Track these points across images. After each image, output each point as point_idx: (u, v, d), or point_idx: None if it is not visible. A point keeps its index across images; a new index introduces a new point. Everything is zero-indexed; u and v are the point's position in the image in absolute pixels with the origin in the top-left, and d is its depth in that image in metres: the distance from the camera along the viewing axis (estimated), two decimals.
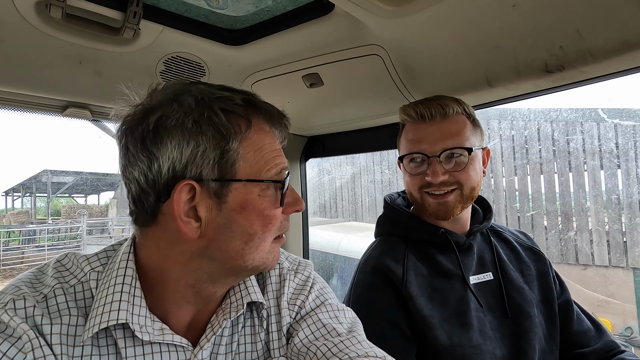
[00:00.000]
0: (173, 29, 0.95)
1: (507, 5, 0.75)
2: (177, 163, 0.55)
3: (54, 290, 0.57)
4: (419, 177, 0.98)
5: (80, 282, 0.59)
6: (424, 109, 0.96)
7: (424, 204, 1.00)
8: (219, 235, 0.57)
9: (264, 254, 0.61)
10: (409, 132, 1.01)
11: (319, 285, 0.75)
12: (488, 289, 0.99)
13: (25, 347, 0.50)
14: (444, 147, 0.94)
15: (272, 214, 0.60)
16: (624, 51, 0.75)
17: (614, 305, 4.89)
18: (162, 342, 0.58)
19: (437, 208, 0.97)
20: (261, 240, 0.60)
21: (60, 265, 0.62)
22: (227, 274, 0.61)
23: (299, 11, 0.94)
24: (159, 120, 0.55)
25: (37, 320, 0.53)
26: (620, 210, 5.11)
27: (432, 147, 0.95)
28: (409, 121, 1.01)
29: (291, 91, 1.25)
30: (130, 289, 0.57)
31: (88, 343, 0.55)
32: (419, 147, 0.97)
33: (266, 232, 0.60)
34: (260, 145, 0.60)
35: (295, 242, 1.69)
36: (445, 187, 0.95)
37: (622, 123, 5.04)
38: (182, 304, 0.61)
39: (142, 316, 0.56)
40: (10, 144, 69.51)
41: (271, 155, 0.61)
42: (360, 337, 0.65)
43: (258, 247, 0.60)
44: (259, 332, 0.67)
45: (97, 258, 0.63)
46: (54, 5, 0.79)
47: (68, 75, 1.00)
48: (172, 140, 0.55)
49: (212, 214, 0.57)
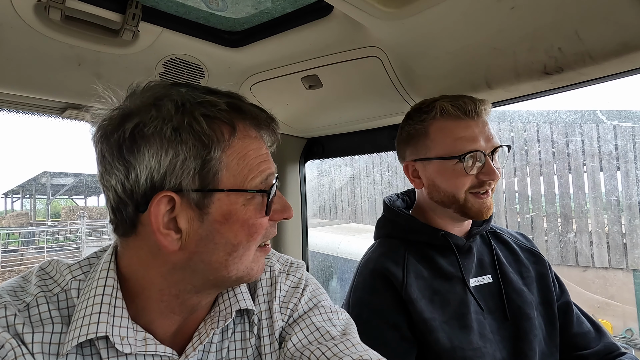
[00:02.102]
0: (172, 30, 0.95)
1: (506, 8, 0.75)
2: (155, 173, 0.52)
3: (37, 298, 0.55)
4: (471, 177, 0.94)
5: (63, 290, 0.58)
6: (467, 105, 0.92)
7: (466, 205, 0.96)
8: (201, 248, 0.55)
9: (248, 264, 0.59)
10: (454, 130, 0.94)
11: (312, 287, 0.73)
12: (487, 292, 0.99)
13: (7, 356, 0.49)
14: (494, 145, 0.94)
15: (258, 222, 0.57)
16: (622, 53, 0.76)
17: (614, 307, 4.89)
18: (145, 353, 0.56)
19: (481, 207, 0.96)
20: (245, 250, 0.58)
21: (43, 273, 0.60)
22: (211, 285, 0.59)
23: (298, 13, 0.94)
24: (135, 128, 0.52)
25: (18, 329, 0.52)
26: (620, 212, 5.11)
27: (487, 144, 0.93)
28: (451, 118, 0.94)
29: (290, 93, 1.25)
30: (110, 300, 0.55)
31: (72, 352, 0.53)
32: (476, 145, 0.92)
33: (251, 242, 0.58)
34: (245, 152, 0.57)
35: (295, 244, 1.69)
36: (492, 187, 0.96)
37: (621, 125, 5.05)
38: (167, 314, 0.59)
39: (123, 327, 0.55)
40: (10, 145, 69.44)
41: (256, 162, 0.58)
42: (354, 339, 0.64)
43: (242, 257, 0.58)
44: (249, 338, 0.66)
45: (79, 266, 0.61)
46: (53, 7, 0.79)
47: (67, 77, 0.99)
48: (150, 149, 0.52)
49: (194, 226, 0.54)
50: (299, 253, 1.70)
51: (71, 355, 0.53)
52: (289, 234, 1.65)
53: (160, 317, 0.59)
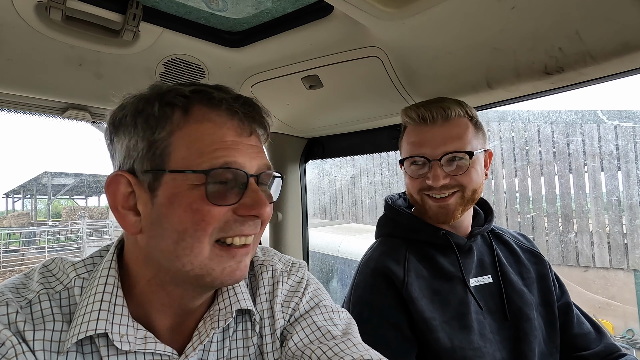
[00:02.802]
0: (173, 31, 0.95)
1: (506, 7, 0.75)
2: (120, 157, 0.58)
3: (39, 295, 0.56)
4: (420, 180, 0.98)
5: (66, 287, 0.58)
6: (426, 112, 0.96)
7: (424, 207, 0.99)
8: (153, 232, 0.55)
9: (204, 261, 0.55)
10: (410, 135, 1.00)
11: (313, 286, 0.74)
12: (488, 292, 0.99)
13: (8, 353, 0.50)
14: (445, 151, 0.93)
15: (205, 209, 0.54)
16: (623, 53, 0.75)
17: (615, 307, 4.88)
18: (145, 351, 0.56)
19: (438, 211, 0.97)
20: (194, 241, 0.54)
21: (46, 270, 0.61)
22: (181, 280, 0.57)
23: (299, 13, 0.94)
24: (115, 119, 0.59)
25: (19, 326, 0.52)
26: (621, 212, 5.11)
27: (433, 150, 0.94)
28: (411, 124, 1.00)
29: (291, 93, 1.25)
30: (111, 298, 0.56)
31: (73, 350, 0.54)
32: (420, 151, 0.96)
33: (199, 231, 0.54)
34: (199, 136, 0.55)
35: (295, 244, 1.69)
36: (446, 190, 0.95)
37: (622, 125, 5.05)
38: (159, 307, 0.60)
39: (123, 325, 0.55)
40: (11, 146, 69.56)
41: (211, 147, 0.55)
42: (355, 339, 0.64)
43: (193, 250, 0.54)
44: (251, 337, 0.66)
45: (84, 264, 0.62)
46: (54, 8, 0.79)
47: (68, 77, 1.00)
48: (120, 136, 0.58)
49: (147, 209, 0.56)
50: (299, 253, 1.70)
51: (71, 353, 0.54)
52: (289, 234, 1.65)
53: (154, 311, 0.60)
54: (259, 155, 0.59)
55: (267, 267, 0.72)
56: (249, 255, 0.60)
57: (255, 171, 0.58)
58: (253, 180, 0.57)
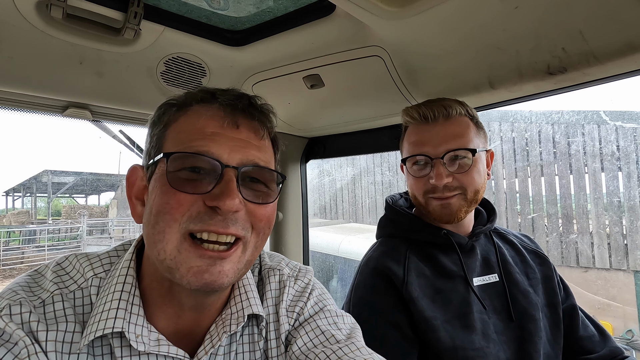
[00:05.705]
0: (174, 29, 0.95)
1: (509, 7, 0.75)
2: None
3: (53, 296, 0.56)
4: (423, 180, 0.97)
5: (80, 288, 0.58)
6: (427, 111, 0.95)
7: (427, 208, 0.99)
8: (145, 219, 0.58)
9: (173, 252, 0.53)
10: (411, 135, 1.00)
11: (318, 291, 0.74)
12: (493, 291, 0.98)
13: (21, 354, 0.50)
14: (447, 149, 0.93)
15: (171, 192, 0.53)
16: (627, 53, 0.75)
17: (615, 308, 4.89)
18: (158, 354, 0.56)
19: (442, 212, 0.96)
20: (165, 226, 0.53)
21: (60, 268, 0.61)
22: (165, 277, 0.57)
23: (300, 12, 0.94)
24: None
25: (32, 326, 0.52)
26: (622, 213, 5.10)
27: (435, 149, 0.94)
28: (412, 123, 1.00)
29: (292, 92, 1.24)
30: (129, 297, 0.56)
31: (84, 351, 0.54)
32: (422, 149, 0.96)
33: (167, 215, 0.53)
34: (184, 127, 0.58)
35: (295, 244, 1.68)
36: (449, 192, 0.94)
37: (624, 125, 5.04)
38: (161, 306, 0.60)
39: (139, 325, 0.56)
40: (11, 144, 69.59)
41: (190, 137, 0.56)
42: (359, 343, 0.64)
43: (165, 235, 0.53)
44: (258, 341, 0.66)
45: (101, 264, 0.62)
46: (55, 5, 0.79)
47: (68, 76, 0.99)
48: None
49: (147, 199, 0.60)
50: (299, 253, 1.70)
51: (82, 355, 0.54)
52: (289, 233, 1.65)
53: (157, 310, 0.60)
54: (244, 149, 0.57)
55: (274, 271, 0.73)
56: (226, 261, 0.54)
57: (237, 164, 0.56)
58: (230, 172, 0.55)
